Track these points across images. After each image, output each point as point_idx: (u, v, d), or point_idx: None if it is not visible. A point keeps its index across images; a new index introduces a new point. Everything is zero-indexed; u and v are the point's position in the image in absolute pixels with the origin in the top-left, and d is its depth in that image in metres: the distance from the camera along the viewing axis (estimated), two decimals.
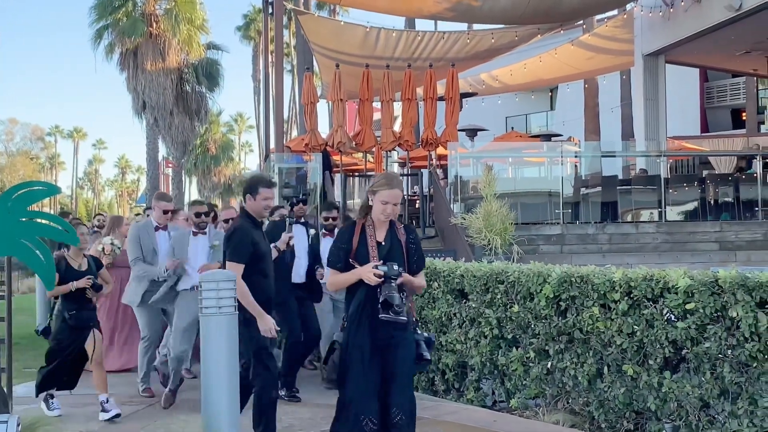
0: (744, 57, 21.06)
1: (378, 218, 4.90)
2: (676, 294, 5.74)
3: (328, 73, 19.90)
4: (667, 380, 5.87)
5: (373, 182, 5.05)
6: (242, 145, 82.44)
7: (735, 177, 16.28)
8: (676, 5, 18.26)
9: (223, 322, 5.38)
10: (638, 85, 21.03)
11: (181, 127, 34.02)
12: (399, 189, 4.90)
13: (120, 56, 33.36)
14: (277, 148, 17.10)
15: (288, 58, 44.94)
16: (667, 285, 5.83)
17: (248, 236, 5.78)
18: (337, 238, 5.02)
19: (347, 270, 4.81)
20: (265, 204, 5.95)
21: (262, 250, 5.91)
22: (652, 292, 5.94)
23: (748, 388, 5.37)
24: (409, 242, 4.91)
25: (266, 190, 5.95)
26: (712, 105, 32.44)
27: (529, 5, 17.49)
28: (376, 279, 4.61)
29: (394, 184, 4.88)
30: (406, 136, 15.90)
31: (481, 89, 25.33)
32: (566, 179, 15.44)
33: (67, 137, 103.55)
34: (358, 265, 4.75)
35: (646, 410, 6.08)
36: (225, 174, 56.00)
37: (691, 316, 5.66)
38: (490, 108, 29.78)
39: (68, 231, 6.31)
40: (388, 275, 4.61)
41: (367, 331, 4.73)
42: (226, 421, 5.34)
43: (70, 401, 7.90)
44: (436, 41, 20.04)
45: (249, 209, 5.94)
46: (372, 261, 4.72)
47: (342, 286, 4.87)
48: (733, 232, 13.80)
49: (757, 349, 5.28)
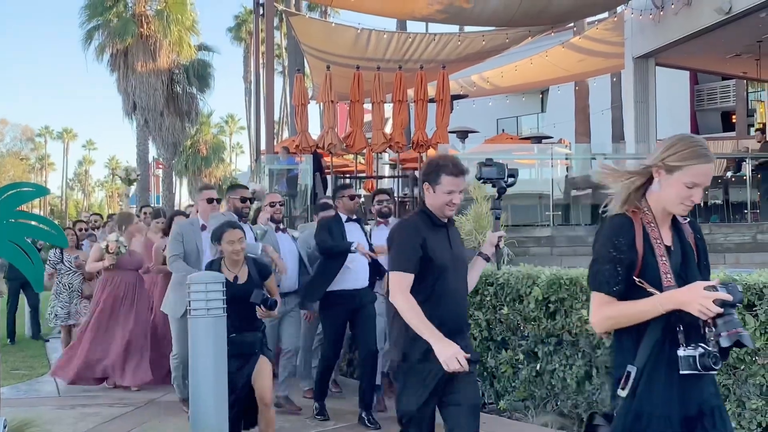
0: (734, 60, 21.13)
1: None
2: None
3: (319, 74, 19.89)
4: None
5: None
6: (233, 146, 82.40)
7: (724, 179, 16.34)
8: (666, 8, 18.30)
9: (211, 324, 5.36)
10: (628, 87, 21.05)
11: (172, 128, 34.02)
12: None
13: (111, 57, 33.34)
14: (268, 149, 17.09)
15: (279, 59, 44.92)
16: None
17: (417, 238, 4.09)
18: (606, 243, 3.07)
19: (629, 295, 3.01)
20: (447, 199, 4.17)
21: (438, 256, 4.11)
22: None
23: (736, 390, 5.39)
24: (698, 243, 3.23)
25: (451, 178, 4.17)
26: (702, 107, 32.57)
27: (520, 8, 17.53)
28: (714, 309, 2.80)
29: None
30: (397, 137, 15.91)
31: (472, 91, 25.36)
32: (556, 181, 15.47)
33: (57, 138, 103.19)
34: (647, 285, 2.97)
35: None
36: (216, 175, 55.88)
37: None
38: (481, 110, 29.81)
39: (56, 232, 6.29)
40: (733, 302, 2.83)
41: (676, 393, 2.96)
42: (213, 422, 5.33)
43: (59, 403, 7.88)
44: (427, 43, 20.06)
45: (428, 204, 4.23)
46: (664, 277, 2.97)
47: (628, 322, 3.02)
48: (722, 235, 13.84)
49: (744, 351, 5.29)
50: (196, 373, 5.37)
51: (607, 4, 19.70)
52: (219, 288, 5.43)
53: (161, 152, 36.05)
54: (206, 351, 5.35)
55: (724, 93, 31.62)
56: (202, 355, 5.36)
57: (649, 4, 18.73)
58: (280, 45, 43.73)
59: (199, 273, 5.88)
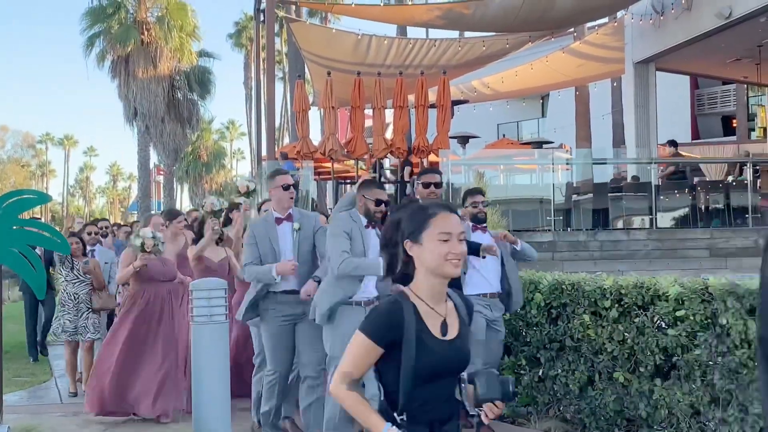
0: (734, 64, 21.16)
1: None
2: (667, 301, 5.75)
3: (319, 80, 19.91)
4: (658, 387, 5.88)
5: None
6: (234, 152, 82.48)
7: (726, 184, 16.35)
8: (666, 13, 18.33)
9: (215, 331, 5.38)
10: (629, 92, 21.07)
11: (173, 134, 34.08)
12: None
13: (112, 63, 33.43)
14: (269, 155, 17.11)
15: (279, 65, 44.94)
16: (658, 292, 5.85)
17: None
18: None
19: None
20: None
21: None
22: (643, 300, 5.96)
23: (739, 396, 5.38)
24: None
25: None
26: (703, 112, 32.60)
27: (520, 13, 17.55)
28: None
29: None
30: (398, 143, 15.92)
31: (473, 96, 25.38)
32: (557, 186, 15.48)
33: (57, 145, 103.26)
34: None
35: (637, 417, 6.09)
36: (217, 181, 55.93)
37: (681, 324, 5.67)
38: (482, 115, 29.83)
39: (59, 239, 6.31)
40: None
41: None
42: (217, 427, 5.34)
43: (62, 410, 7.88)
44: (427, 49, 20.08)
45: None
46: None
47: None
48: (724, 239, 13.84)
49: (747, 356, 5.29)
50: (199, 380, 5.38)
51: (607, 9, 19.72)
52: (222, 295, 5.45)
53: (162, 158, 36.11)
54: (209, 358, 5.37)
55: (724, 97, 31.66)
56: (205, 362, 5.38)
57: (650, 9, 18.76)
58: (280, 51, 43.78)
59: (202, 279, 5.86)
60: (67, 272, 8.86)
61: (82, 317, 8.85)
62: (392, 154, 16.50)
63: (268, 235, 6.03)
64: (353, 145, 16.06)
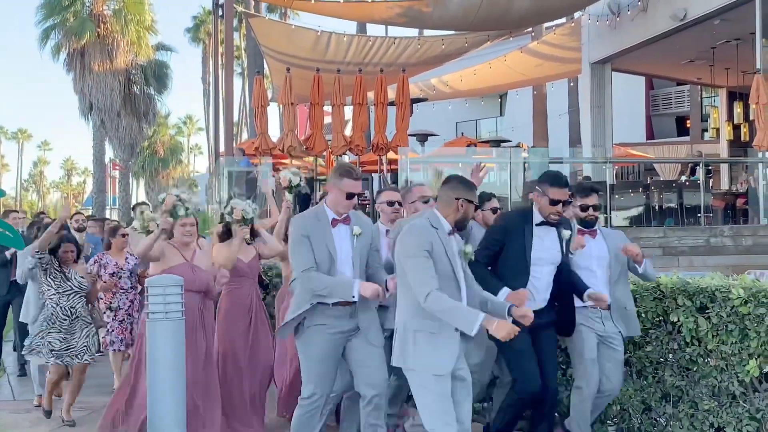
0: (688, 66, 21.51)
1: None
2: None
3: (278, 76, 19.83)
4: None
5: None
6: (191, 147, 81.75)
7: (679, 183, 16.61)
8: (622, 14, 18.57)
9: (169, 327, 5.35)
10: (585, 92, 21.32)
11: (129, 129, 33.74)
12: None
13: (67, 57, 33.01)
14: (227, 151, 17.01)
15: (238, 60, 44.66)
16: None
17: None
18: None
19: None
20: None
21: None
22: None
23: (689, 392, 5.48)
24: None
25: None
26: (657, 112, 33.09)
27: (479, 13, 17.64)
28: None
29: None
30: (357, 140, 15.91)
31: (432, 94, 25.47)
32: (514, 185, 15.59)
33: (11, 138, 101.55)
34: None
35: None
36: (173, 176, 55.41)
37: None
38: (441, 113, 29.96)
39: (11, 234, 6.22)
40: None
41: None
42: (171, 425, 5.32)
43: (15, 407, 7.76)
44: (387, 46, 20.11)
45: None
46: None
47: None
48: (677, 238, 14.03)
49: (697, 353, 5.40)
50: (154, 377, 5.35)
51: (565, 9, 19.91)
52: (177, 291, 5.42)
53: (118, 153, 35.74)
54: (164, 355, 5.34)
55: (678, 98, 32.16)
56: (159, 358, 5.35)
57: (606, 10, 18.99)
58: (239, 46, 43.50)
59: (158, 276, 5.79)
60: (59, 282, 7.01)
61: (80, 335, 7.05)
62: (351, 151, 16.49)
63: (323, 236, 5.09)
64: (312, 142, 16.02)
